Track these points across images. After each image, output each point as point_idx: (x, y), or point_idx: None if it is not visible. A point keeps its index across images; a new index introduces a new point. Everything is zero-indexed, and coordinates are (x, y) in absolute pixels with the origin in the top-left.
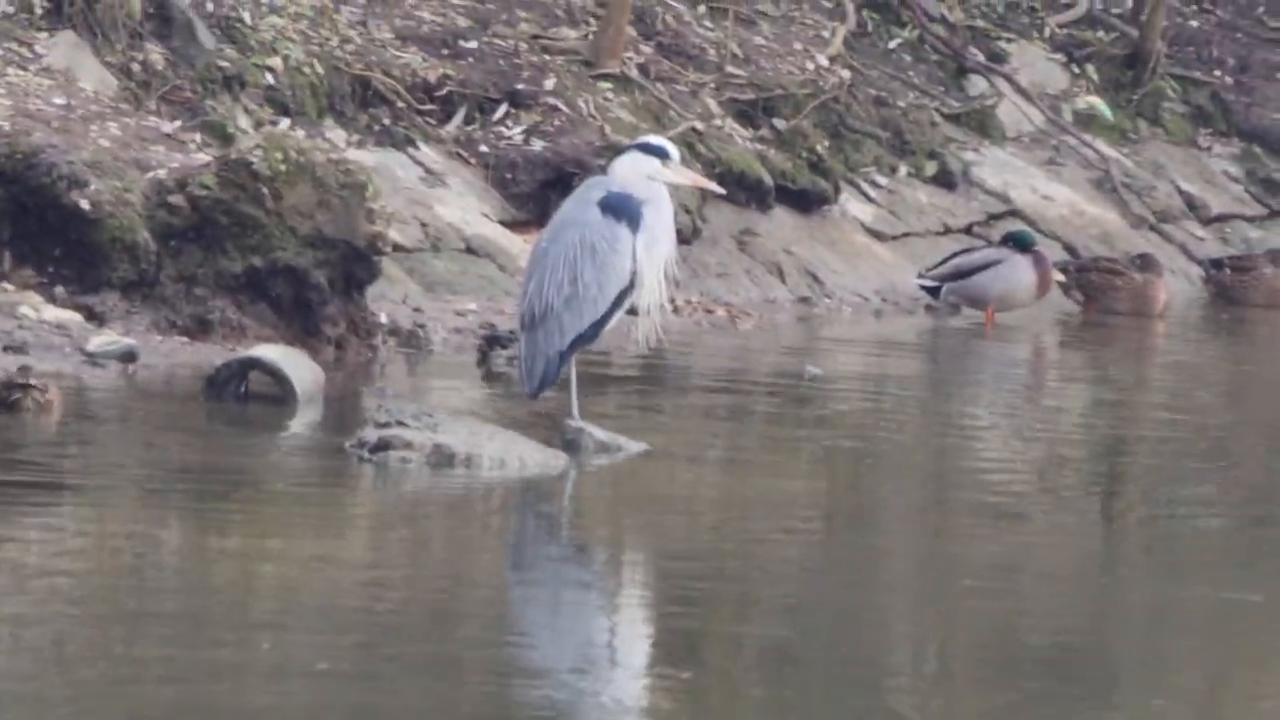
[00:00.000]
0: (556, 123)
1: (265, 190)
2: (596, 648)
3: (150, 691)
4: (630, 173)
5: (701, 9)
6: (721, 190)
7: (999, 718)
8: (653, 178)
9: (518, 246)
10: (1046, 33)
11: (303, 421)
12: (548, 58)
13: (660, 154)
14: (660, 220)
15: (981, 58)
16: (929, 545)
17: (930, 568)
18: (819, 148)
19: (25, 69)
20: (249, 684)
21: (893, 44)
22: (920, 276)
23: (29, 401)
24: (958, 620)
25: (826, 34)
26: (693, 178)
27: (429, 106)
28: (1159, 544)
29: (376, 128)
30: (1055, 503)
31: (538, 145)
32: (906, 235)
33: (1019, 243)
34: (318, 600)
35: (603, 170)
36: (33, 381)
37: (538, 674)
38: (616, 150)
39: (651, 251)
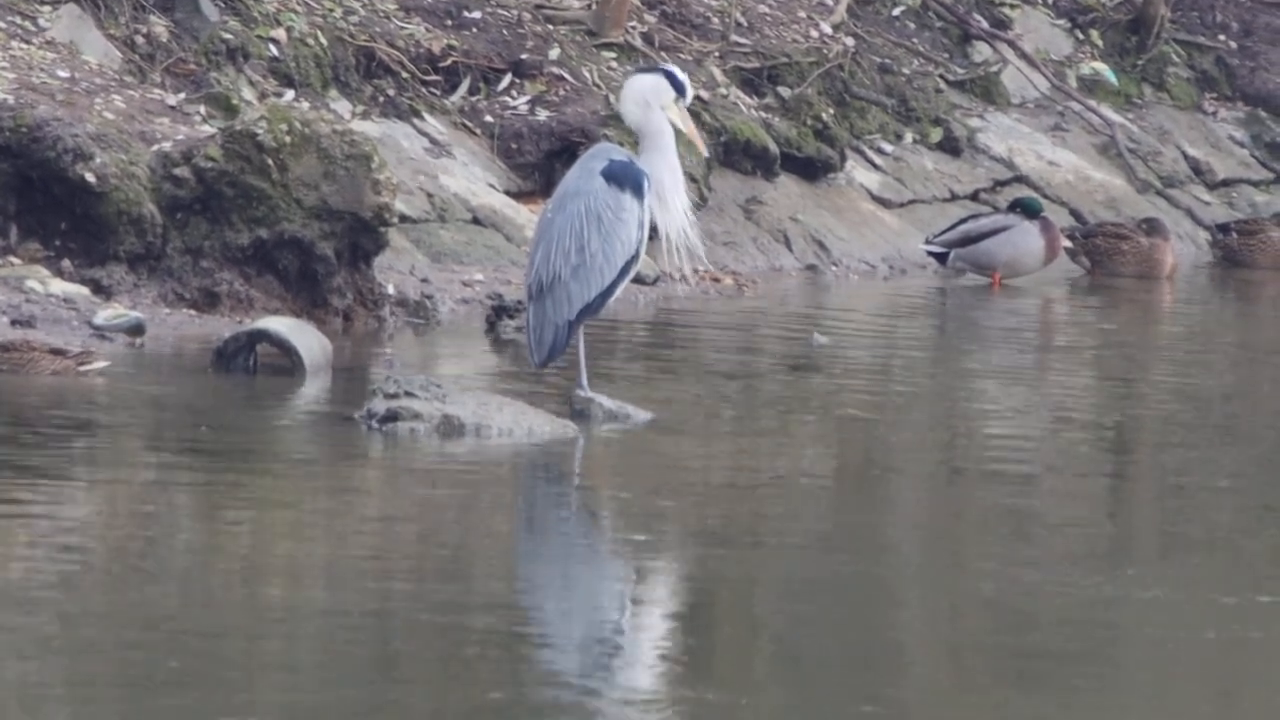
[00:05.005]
0: (561, 92)
1: (270, 162)
2: (610, 611)
3: (158, 649)
4: (646, 93)
5: None
6: (707, 153)
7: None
8: (664, 108)
9: (524, 216)
10: None
11: (311, 393)
12: (551, 28)
13: (680, 90)
14: (664, 155)
15: (985, 24)
16: (938, 508)
17: (940, 530)
18: (824, 115)
19: (29, 42)
20: (256, 651)
21: (896, 11)
22: (928, 242)
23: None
24: (966, 585)
25: (830, 2)
26: (691, 128)
27: (433, 77)
28: (1167, 505)
29: (381, 99)
30: (1064, 465)
31: (542, 115)
32: (913, 202)
33: (1026, 209)
34: (326, 566)
35: (607, 137)
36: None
37: (549, 645)
38: (641, 69)
39: (664, 181)
